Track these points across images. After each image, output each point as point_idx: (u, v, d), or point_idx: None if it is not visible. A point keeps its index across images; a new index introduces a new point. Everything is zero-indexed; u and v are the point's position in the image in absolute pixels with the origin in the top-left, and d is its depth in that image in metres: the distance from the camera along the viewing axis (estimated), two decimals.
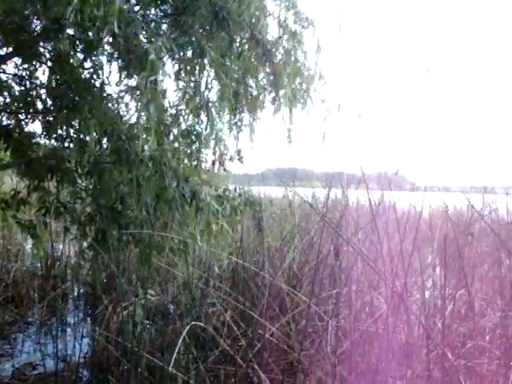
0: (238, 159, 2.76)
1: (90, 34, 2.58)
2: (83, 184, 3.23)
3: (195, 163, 3.11)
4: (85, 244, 3.34)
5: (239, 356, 2.33)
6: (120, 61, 2.40)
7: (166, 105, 2.92)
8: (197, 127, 3.02)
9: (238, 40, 2.44)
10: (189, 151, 3.16)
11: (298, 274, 2.58)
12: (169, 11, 3.04)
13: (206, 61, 2.23)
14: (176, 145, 3.06)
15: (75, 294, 4.41)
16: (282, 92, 2.67)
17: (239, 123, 2.91)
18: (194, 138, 3.05)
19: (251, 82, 2.86)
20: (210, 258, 2.69)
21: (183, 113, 2.99)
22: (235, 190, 3.02)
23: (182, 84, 2.61)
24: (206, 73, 2.62)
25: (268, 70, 2.63)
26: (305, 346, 2.29)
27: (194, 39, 2.31)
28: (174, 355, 1.69)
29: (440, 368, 1.91)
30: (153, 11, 3.09)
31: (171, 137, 2.98)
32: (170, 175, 2.46)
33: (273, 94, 2.77)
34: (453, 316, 2.20)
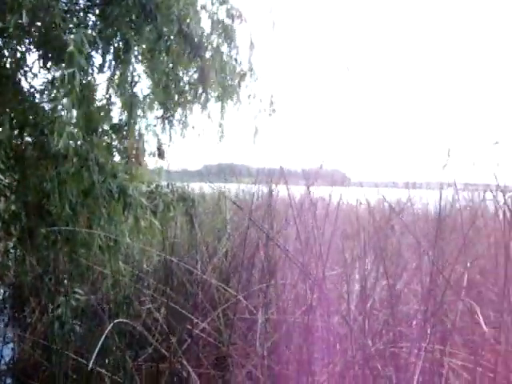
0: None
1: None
2: (6, 180, 3.07)
3: (127, 159, 3.05)
4: (10, 244, 3.19)
5: (170, 353, 2.32)
6: (40, 51, 2.29)
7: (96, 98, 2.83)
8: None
9: (166, 34, 2.40)
10: (122, 147, 3.09)
11: (229, 268, 2.61)
12: (97, 1, 2.94)
13: (131, 54, 2.17)
14: (107, 140, 2.98)
15: None
16: (213, 87, 2.67)
17: (171, 118, 2.88)
18: (125, 133, 2.98)
19: (184, 77, 2.83)
20: (139, 254, 2.65)
21: (114, 107, 2.91)
22: (168, 186, 2.99)
23: (108, 77, 2.54)
24: (133, 66, 2.57)
25: (199, 64, 2.62)
26: (235, 339, 2.32)
27: (120, 31, 2.24)
28: (95, 354, 1.64)
29: (361, 354, 2.01)
30: (81, 0, 2.98)
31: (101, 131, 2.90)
32: (96, 171, 2.38)
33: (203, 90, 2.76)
34: (374, 305, 2.31)
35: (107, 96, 2.69)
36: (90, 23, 2.90)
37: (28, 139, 2.94)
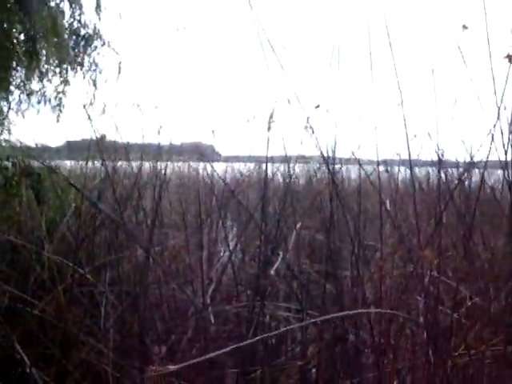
0: None
1: None
2: None
3: None
4: None
5: (5, 338, 2.15)
6: None
7: None
8: None
9: None
10: None
11: (74, 245, 2.47)
12: None
13: None
14: None
15: None
16: (48, 50, 2.45)
17: (7, 84, 2.59)
18: None
19: (19, 36, 2.56)
20: None
21: None
22: (8, 159, 2.73)
23: None
24: None
25: (33, 23, 2.37)
26: (79, 316, 2.23)
27: None
28: None
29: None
30: None
31: None
32: None
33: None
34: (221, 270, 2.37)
35: None
36: None
37: None
